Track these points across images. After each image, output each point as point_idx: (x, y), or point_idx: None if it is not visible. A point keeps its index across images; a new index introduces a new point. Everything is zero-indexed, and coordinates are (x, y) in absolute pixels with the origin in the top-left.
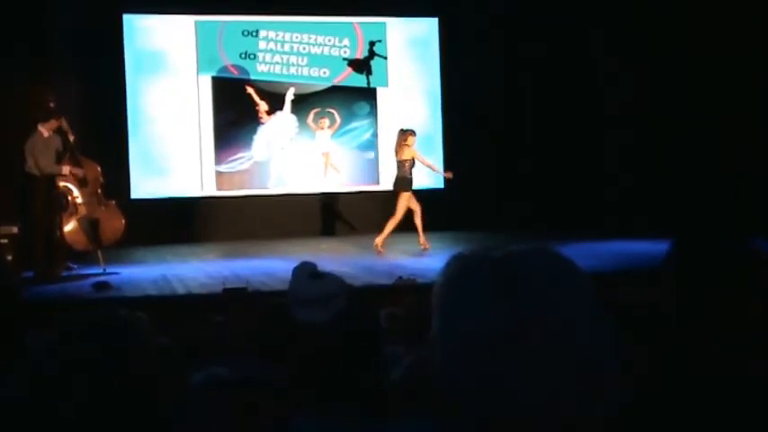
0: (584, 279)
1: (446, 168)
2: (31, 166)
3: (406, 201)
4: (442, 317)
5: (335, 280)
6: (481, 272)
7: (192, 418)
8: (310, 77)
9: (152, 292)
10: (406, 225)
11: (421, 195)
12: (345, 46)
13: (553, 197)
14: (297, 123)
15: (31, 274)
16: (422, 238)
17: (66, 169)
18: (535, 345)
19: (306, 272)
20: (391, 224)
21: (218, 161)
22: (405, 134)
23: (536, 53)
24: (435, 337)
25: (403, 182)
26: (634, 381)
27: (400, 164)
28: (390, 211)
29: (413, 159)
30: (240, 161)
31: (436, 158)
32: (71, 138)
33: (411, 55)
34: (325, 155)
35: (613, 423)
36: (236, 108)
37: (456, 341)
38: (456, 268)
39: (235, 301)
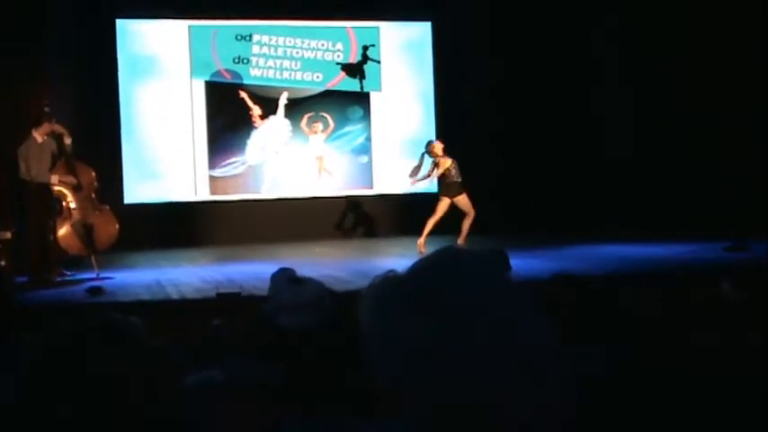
0: (505, 280)
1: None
2: (23, 171)
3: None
4: (371, 343)
5: (316, 284)
6: (395, 295)
7: (188, 419)
8: (303, 82)
9: (146, 296)
10: (402, 229)
11: (415, 199)
12: (339, 50)
13: (549, 200)
14: (290, 128)
15: (25, 278)
16: (423, 239)
17: (55, 179)
18: (463, 351)
19: (285, 278)
20: (467, 222)
21: (211, 165)
22: (429, 147)
23: (531, 55)
24: (369, 360)
25: (445, 188)
26: (591, 381)
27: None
28: (383, 214)
29: (452, 162)
30: (234, 165)
31: (430, 160)
32: (67, 141)
33: (404, 59)
34: (319, 159)
35: (570, 423)
36: (230, 112)
37: (389, 364)
38: (373, 295)
39: (229, 306)
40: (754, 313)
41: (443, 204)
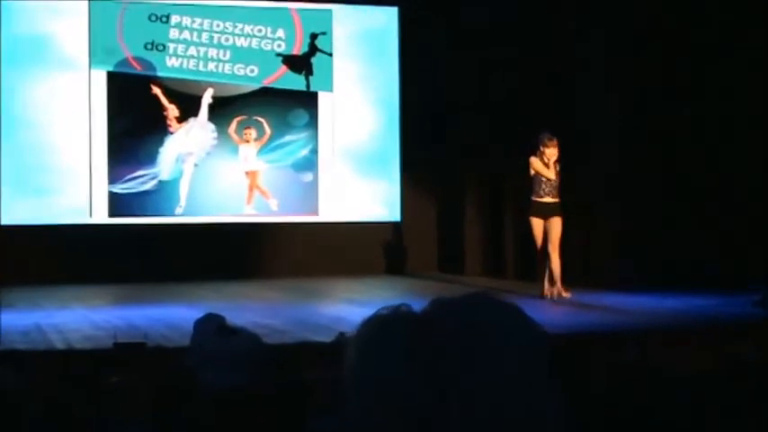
0: (524, 333)
1: (403, 196)
2: None
3: (535, 227)
4: (355, 380)
5: (250, 336)
6: (392, 332)
7: None
8: (234, 76)
9: (21, 345)
10: (351, 266)
11: (376, 229)
12: (280, 38)
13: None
14: (215, 134)
15: None
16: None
17: None
18: (451, 402)
19: (213, 326)
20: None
21: (112, 180)
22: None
23: (513, 54)
24: (349, 399)
25: (530, 205)
26: None
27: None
28: (331, 247)
29: (543, 174)
30: (141, 180)
31: (392, 180)
32: None
33: (363, 52)
34: (251, 175)
35: None
36: (139, 112)
37: (370, 404)
38: (368, 329)
39: (129, 360)
40: None
41: (536, 225)
